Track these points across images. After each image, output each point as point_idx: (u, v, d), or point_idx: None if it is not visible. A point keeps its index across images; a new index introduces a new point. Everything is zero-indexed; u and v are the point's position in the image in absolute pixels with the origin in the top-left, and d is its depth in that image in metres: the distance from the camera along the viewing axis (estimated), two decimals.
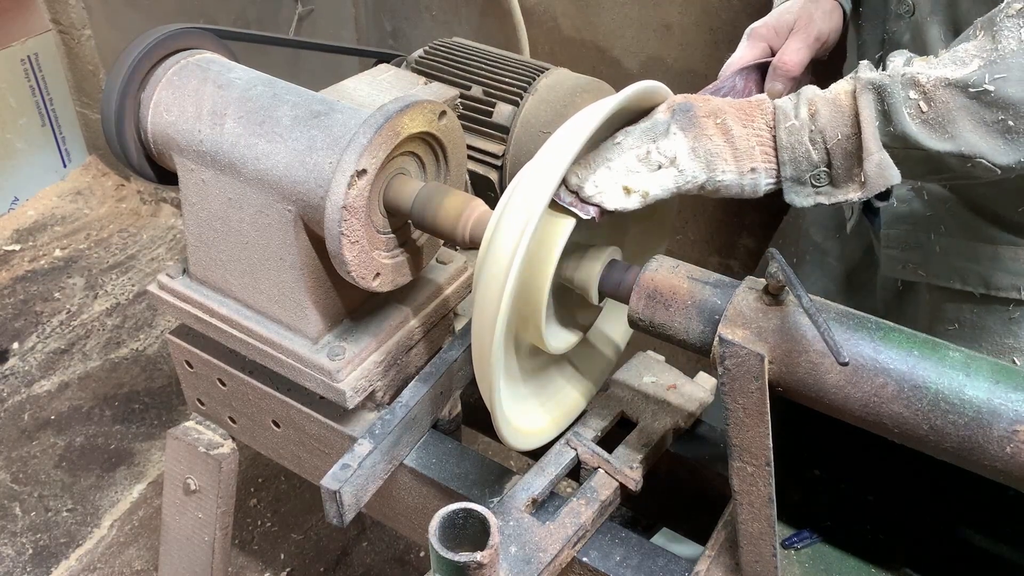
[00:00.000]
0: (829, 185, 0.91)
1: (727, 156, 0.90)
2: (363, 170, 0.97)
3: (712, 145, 0.90)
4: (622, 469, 1.04)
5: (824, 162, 0.90)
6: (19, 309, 2.62)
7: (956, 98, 0.86)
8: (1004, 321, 1.25)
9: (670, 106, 0.92)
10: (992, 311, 1.26)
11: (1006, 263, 1.23)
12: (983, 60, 0.85)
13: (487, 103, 1.32)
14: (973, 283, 1.26)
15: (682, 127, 0.90)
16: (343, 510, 1.01)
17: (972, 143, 0.87)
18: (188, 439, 1.35)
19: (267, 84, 1.11)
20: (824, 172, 0.90)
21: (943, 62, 0.88)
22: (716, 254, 2.26)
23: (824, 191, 0.91)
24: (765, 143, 0.90)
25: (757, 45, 1.18)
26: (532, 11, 2.28)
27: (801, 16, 1.19)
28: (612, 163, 0.90)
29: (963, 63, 0.87)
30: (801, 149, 0.89)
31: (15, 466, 2.18)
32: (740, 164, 0.90)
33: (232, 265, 1.14)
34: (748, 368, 0.82)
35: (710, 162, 0.90)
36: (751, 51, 1.18)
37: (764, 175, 0.91)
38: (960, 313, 1.29)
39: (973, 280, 1.26)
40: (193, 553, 1.45)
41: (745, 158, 0.90)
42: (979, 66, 0.85)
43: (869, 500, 1.06)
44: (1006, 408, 0.76)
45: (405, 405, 1.09)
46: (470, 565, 0.69)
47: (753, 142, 0.90)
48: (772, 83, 1.17)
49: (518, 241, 0.83)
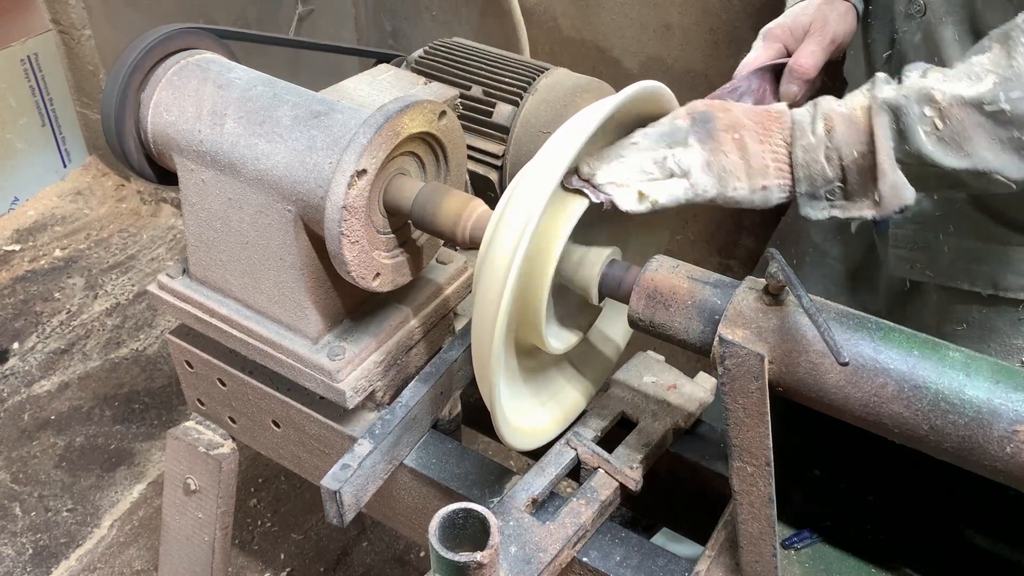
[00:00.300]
0: (843, 199, 0.91)
1: (740, 173, 0.91)
2: (363, 170, 0.97)
3: (727, 162, 0.90)
4: (622, 469, 1.04)
5: (839, 178, 0.90)
6: (19, 309, 2.62)
7: (972, 116, 0.86)
8: (1013, 322, 1.25)
9: (691, 113, 0.92)
10: (1001, 312, 1.26)
11: (1015, 264, 1.23)
12: (998, 77, 0.86)
13: (487, 103, 1.32)
14: (981, 284, 1.26)
15: (700, 139, 0.91)
16: (343, 510, 1.01)
17: (987, 160, 0.87)
18: (188, 439, 1.35)
19: (267, 84, 1.11)
20: (839, 187, 0.91)
21: (958, 76, 0.88)
22: (716, 254, 2.26)
23: (838, 205, 0.92)
24: (780, 160, 0.91)
25: (772, 46, 1.18)
26: (532, 11, 2.28)
27: (817, 18, 1.19)
28: (625, 160, 0.90)
29: (978, 78, 0.87)
30: (817, 167, 0.90)
31: (15, 466, 2.18)
32: (752, 181, 0.91)
33: (232, 265, 1.14)
34: (748, 368, 0.82)
35: (722, 178, 0.91)
36: (766, 52, 1.18)
37: (777, 191, 0.92)
38: (968, 313, 1.29)
39: (981, 281, 1.26)
40: (193, 553, 1.45)
41: (758, 176, 0.91)
42: (994, 83, 0.85)
43: (869, 500, 1.06)
44: (1006, 408, 0.76)
45: (405, 405, 1.09)
46: (470, 565, 0.69)
47: (768, 159, 0.91)
48: (788, 85, 1.17)
49: (518, 241, 0.83)
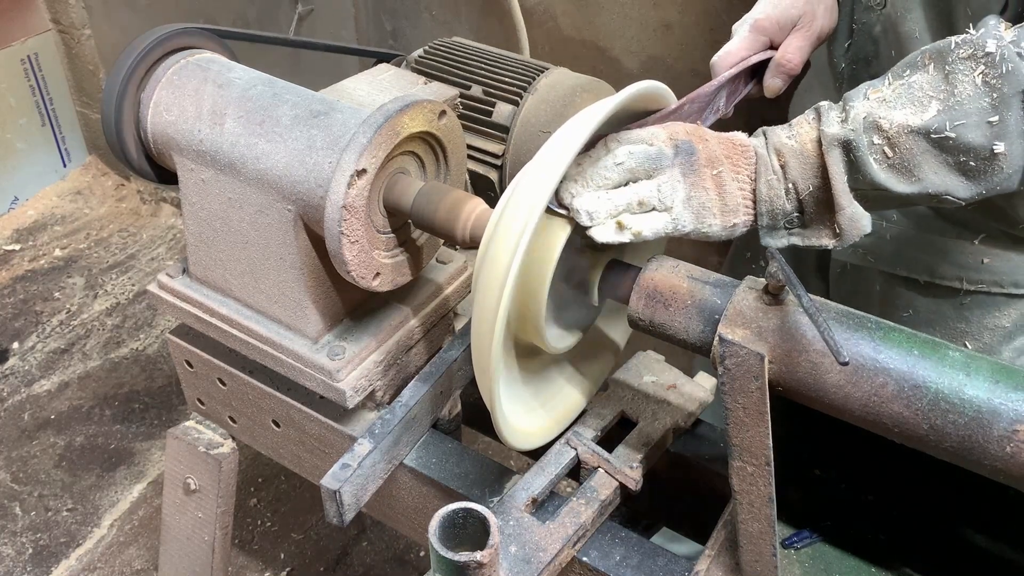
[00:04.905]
0: (800, 228, 0.96)
1: (716, 211, 0.94)
2: (363, 170, 0.97)
3: (706, 198, 0.93)
4: (622, 469, 1.04)
5: (796, 210, 0.95)
6: (19, 309, 2.62)
7: (919, 143, 0.90)
8: (956, 306, 1.28)
9: (674, 139, 0.94)
10: (942, 298, 1.28)
11: (952, 255, 1.25)
12: (941, 104, 0.89)
13: (487, 103, 1.32)
14: (918, 271, 1.28)
15: (683, 172, 0.93)
16: (343, 510, 1.01)
17: (936, 183, 0.91)
18: (188, 439, 1.35)
19: (267, 84, 1.11)
20: (796, 218, 0.95)
21: (900, 101, 0.91)
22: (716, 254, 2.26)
23: (796, 233, 0.96)
24: (747, 195, 0.95)
25: (759, 39, 1.17)
26: (532, 11, 2.28)
27: (806, 12, 1.18)
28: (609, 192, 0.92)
29: (921, 105, 0.90)
30: (778, 202, 0.94)
31: (15, 466, 2.18)
32: (725, 219, 0.95)
33: (232, 265, 1.14)
34: (748, 368, 0.82)
35: (700, 214, 0.94)
36: (751, 43, 1.17)
37: (742, 226, 0.96)
38: (913, 300, 1.31)
39: (918, 268, 1.28)
40: (193, 553, 1.45)
41: (731, 214, 0.95)
42: (938, 111, 0.89)
43: (869, 500, 1.06)
44: (1006, 408, 0.76)
45: (405, 405, 1.08)
46: (470, 565, 0.69)
47: (739, 197, 0.95)
48: (773, 79, 1.18)
49: (518, 241, 0.83)
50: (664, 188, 0.92)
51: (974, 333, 1.27)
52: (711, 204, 0.93)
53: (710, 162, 0.93)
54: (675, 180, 0.92)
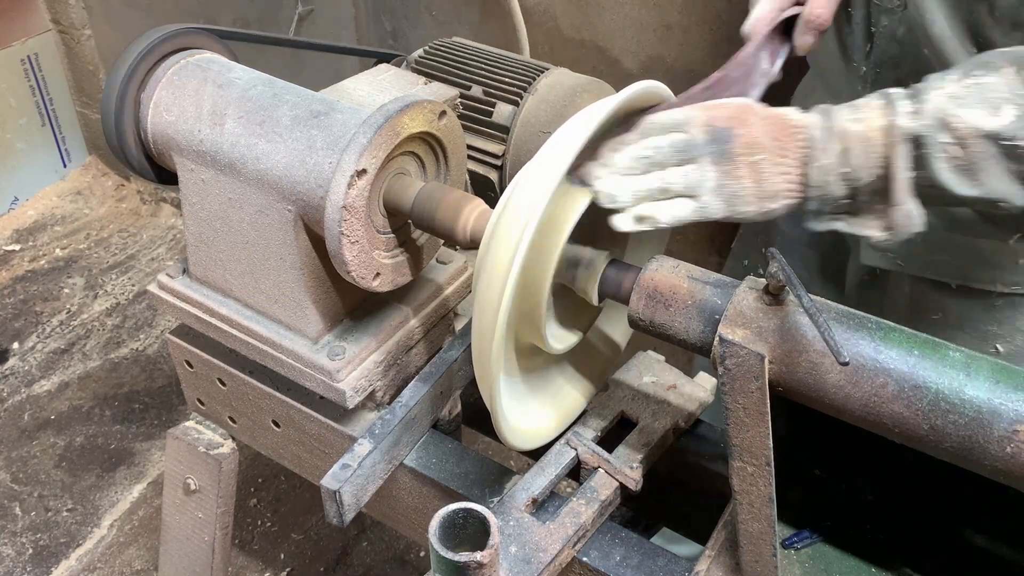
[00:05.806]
0: (848, 214, 0.92)
1: (751, 198, 0.91)
2: (363, 170, 0.97)
3: (739, 187, 0.90)
4: (622, 469, 1.04)
5: (848, 196, 0.91)
6: (19, 309, 2.62)
7: (988, 147, 0.87)
8: (987, 308, 1.26)
9: (711, 124, 0.91)
10: (974, 300, 1.26)
11: (985, 256, 1.23)
12: (1018, 109, 0.86)
13: (487, 103, 1.32)
14: (949, 275, 1.27)
15: (715, 160, 0.90)
16: (343, 510, 1.01)
17: (997, 189, 0.89)
18: (188, 439, 1.35)
19: (267, 84, 1.11)
20: (846, 203, 0.92)
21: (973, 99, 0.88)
22: (716, 254, 2.26)
23: (843, 219, 0.93)
24: (791, 180, 0.91)
25: None
26: (532, 11, 2.28)
27: None
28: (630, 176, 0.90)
29: (996, 108, 0.87)
30: (830, 188, 0.90)
31: (15, 466, 2.18)
32: (762, 204, 0.91)
33: (232, 265, 1.14)
34: (748, 368, 0.82)
35: (731, 201, 0.90)
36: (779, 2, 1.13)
37: (782, 209, 0.92)
38: (943, 303, 1.29)
39: (950, 272, 1.26)
40: (193, 553, 1.45)
41: (768, 200, 0.91)
42: (1016, 116, 0.86)
43: (869, 500, 1.06)
44: (1006, 408, 0.76)
45: (405, 405, 1.08)
46: (470, 565, 0.69)
47: (780, 182, 0.90)
48: (804, 36, 1.13)
49: (518, 241, 0.83)
50: (691, 176, 0.90)
51: (1006, 335, 1.25)
52: (744, 192, 0.90)
53: (749, 148, 0.90)
54: (704, 168, 0.90)
